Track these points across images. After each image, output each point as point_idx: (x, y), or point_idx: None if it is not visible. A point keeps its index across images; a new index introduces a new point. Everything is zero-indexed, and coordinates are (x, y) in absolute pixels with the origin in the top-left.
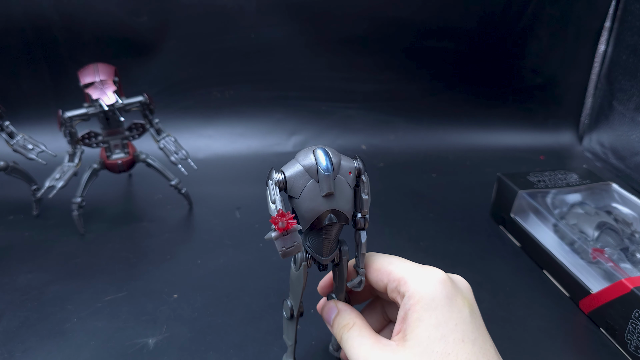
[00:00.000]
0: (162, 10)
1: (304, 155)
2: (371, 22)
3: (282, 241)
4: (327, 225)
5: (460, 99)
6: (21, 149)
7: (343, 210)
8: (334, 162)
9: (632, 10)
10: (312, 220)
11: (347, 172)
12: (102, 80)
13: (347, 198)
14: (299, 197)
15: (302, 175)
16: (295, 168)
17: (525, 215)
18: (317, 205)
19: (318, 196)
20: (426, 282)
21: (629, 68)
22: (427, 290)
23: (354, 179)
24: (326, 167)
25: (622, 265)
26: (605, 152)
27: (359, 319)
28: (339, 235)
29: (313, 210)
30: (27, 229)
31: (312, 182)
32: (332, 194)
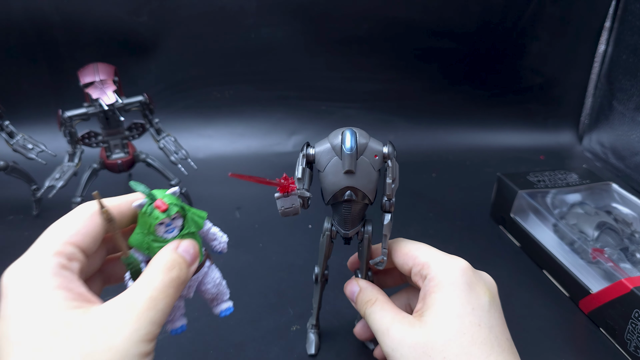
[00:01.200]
0: (162, 10)
1: (335, 134)
2: (371, 22)
3: (282, 201)
4: (347, 201)
5: (460, 99)
6: (21, 149)
7: (362, 189)
8: (359, 143)
9: (632, 10)
10: (333, 193)
11: (372, 155)
12: (102, 80)
13: (368, 178)
14: (324, 171)
15: (329, 151)
16: (324, 145)
17: (525, 215)
18: (338, 180)
19: (340, 172)
20: (448, 267)
21: (629, 68)
22: (448, 274)
23: (379, 163)
24: (350, 147)
25: (621, 265)
26: (605, 152)
27: (380, 294)
28: (362, 213)
29: (334, 184)
30: (26, 228)
31: (336, 158)
32: (353, 172)
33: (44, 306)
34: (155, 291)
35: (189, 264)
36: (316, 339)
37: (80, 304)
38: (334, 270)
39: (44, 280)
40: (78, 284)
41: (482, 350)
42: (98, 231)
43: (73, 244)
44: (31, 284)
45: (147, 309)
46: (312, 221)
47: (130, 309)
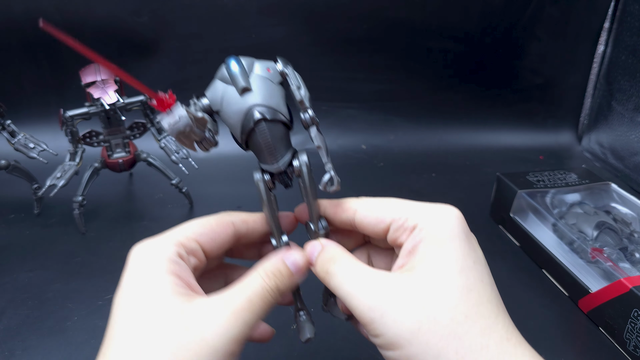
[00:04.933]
0: (163, 10)
1: (219, 69)
2: (371, 22)
3: (166, 118)
4: (258, 123)
5: (460, 99)
6: (22, 148)
7: (267, 103)
8: (245, 63)
9: (631, 11)
10: (241, 122)
11: (264, 69)
12: (104, 79)
13: (269, 92)
14: (222, 107)
15: (219, 86)
16: (213, 84)
17: (525, 215)
18: (239, 106)
19: (237, 97)
20: (441, 216)
21: (628, 68)
22: (443, 223)
23: (276, 76)
24: (237, 67)
25: (621, 264)
26: (604, 152)
27: (346, 252)
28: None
29: (237, 112)
30: (28, 227)
31: (229, 87)
32: (249, 89)
33: (152, 285)
34: (253, 294)
35: (292, 276)
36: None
37: (186, 292)
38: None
39: (160, 262)
40: (189, 274)
41: (490, 310)
42: (226, 239)
43: (197, 241)
44: (148, 263)
45: (243, 309)
46: None
47: (228, 307)
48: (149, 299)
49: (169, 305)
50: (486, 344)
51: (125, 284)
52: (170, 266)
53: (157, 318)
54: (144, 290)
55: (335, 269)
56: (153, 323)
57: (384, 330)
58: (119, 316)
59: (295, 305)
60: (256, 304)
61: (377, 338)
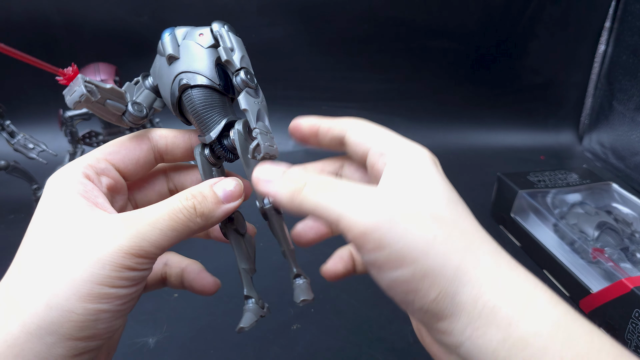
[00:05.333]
0: (163, 9)
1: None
2: (372, 22)
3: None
4: (185, 91)
5: (461, 99)
6: (22, 148)
7: (194, 70)
8: (179, 33)
9: (632, 11)
10: (169, 93)
11: (197, 34)
12: (103, 79)
13: (198, 57)
14: (158, 80)
15: (156, 61)
16: (155, 60)
17: (526, 215)
18: (167, 77)
19: (165, 68)
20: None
21: (629, 68)
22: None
23: (207, 40)
24: (167, 37)
25: (622, 265)
26: (605, 152)
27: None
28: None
29: (166, 84)
30: (27, 228)
31: (162, 59)
32: (176, 57)
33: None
34: (160, 209)
35: (218, 202)
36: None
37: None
38: None
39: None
40: (97, 193)
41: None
42: (142, 154)
43: (107, 160)
44: (55, 188)
45: (143, 223)
46: None
47: (127, 220)
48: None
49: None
50: (497, 263)
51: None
52: (75, 187)
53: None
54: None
55: (313, 182)
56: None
57: (392, 241)
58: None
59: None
60: (160, 217)
61: (381, 252)
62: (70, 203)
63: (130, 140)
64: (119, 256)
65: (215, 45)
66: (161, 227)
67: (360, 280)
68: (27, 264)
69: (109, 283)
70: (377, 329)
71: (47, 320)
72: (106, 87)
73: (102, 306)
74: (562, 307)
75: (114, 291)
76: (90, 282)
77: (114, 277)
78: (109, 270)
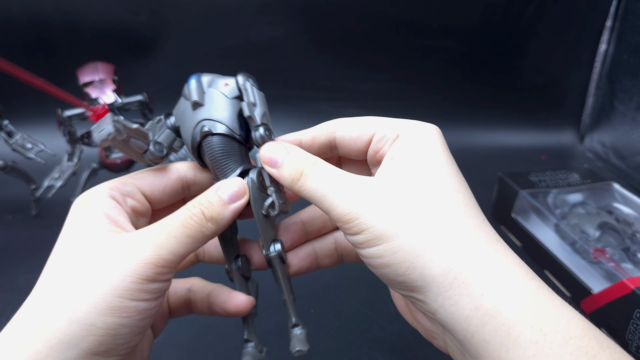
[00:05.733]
0: (162, 9)
1: None
2: (372, 21)
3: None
4: (205, 138)
5: (461, 99)
6: (20, 148)
7: (217, 118)
8: (204, 78)
9: (634, 10)
10: (190, 138)
11: (222, 85)
12: (102, 79)
13: (221, 106)
14: (180, 123)
15: (181, 103)
16: (178, 102)
17: (527, 215)
18: (189, 122)
19: (189, 112)
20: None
21: (631, 67)
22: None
23: (233, 91)
24: (193, 83)
25: (623, 265)
26: (607, 151)
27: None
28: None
29: (188, 128)
30: (26, 228)
31: (186, 103)
32: (200, 104)
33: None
34: (172, 218)
35: (224, 204)
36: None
37: (112, 229)
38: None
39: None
40: (119, 212)
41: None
42: (169, 183)
43: (134, 184)
44: (80, 209)
45: (160, 233)
46: None
47: (142, 234)
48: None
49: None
50: (476, 239)
51: (62, 231)
52: (99, 206)
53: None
54: (72, 231)
55: (310, 171)
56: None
57: (370, 224)
58: (50, 258)
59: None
60: (173, 227)
61: (362, 234)
62: (93, 222)
63: (159, 169)
64: (139, 267)
65: (239, 97)
66: (176, 235)
67: (360, 281)
68: (52, 282)
69: (129, 296)
70: (377, 329)
71: (68, 334)
72: (132, 127)
73: (122, 320)
74: (535, 281)
75: (134, 304)
76: (111, 295)
77: (134, 290)
78: (129, 282)
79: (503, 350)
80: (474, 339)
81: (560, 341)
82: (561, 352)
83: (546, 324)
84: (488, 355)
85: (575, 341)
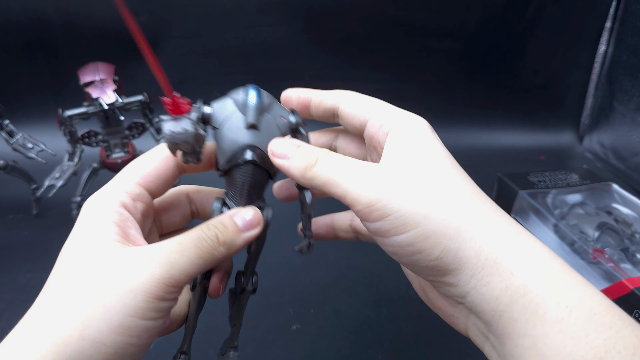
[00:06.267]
0: (162, 9)
1: (236, 90)
2: (371, 21)
3: (170, 124)
4: (247, 164)
5: (461, 99)
6: (21, 148)
7: (264, 150)
8: (264, 100)
9: (633, 11)
10: (230, 153)
11: (278, 116)
12: (102, 79)
13: (271, 139)
14: (221, 127)
15: (229, 105)
16: (224, 100)
17: (526, 216)
18: (238, 137)
19: (240, 128)
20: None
21: (630, 68)
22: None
23: (285, 127)
24: (256, 100)
25: (622, 265)
26: (606, 152)
27: None
28: (261, 188)
29: (232, 141)
30: (26, 228)
31: (238, 113)
32: (256, 127)
33: (90, 236)
34: (186, 238)
35: (238, 231)
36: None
37: (124, 241)
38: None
39: (103, 212)
40: (130, 224)
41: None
42: (169, 174)
43: (141, 185)
44: (92, 215)
45: (171, 251)
46: None
47: (156, 250)
48: (84, 246)
49: (100, 251)
50: (499, 221)
51: (71, 235)
52: (110, 215)
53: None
54: (82, 239)
55: (324, 158)
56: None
57: (396, 209)
58: (57, 265)
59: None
60: (187, 246)
61: (385, 221)
62: (104, 233)
63: (159, 159)
64: (151, 285)
65: (286, 135)
66: (189, 255)
67: (360, 280)
68: (61, 293)
69: (140, 315)
70: (377, 329)
71: (79, 351)
72: (200, 132)
73: (130, 339)
74: (558, 260)
75: (144, 323)
76: (122, 314)
77: (145, 308)
78: (141, 300)
79: (530, 327)
80: (502, 317)
81: (585, 317)
82: (586, 327)
83: (571, 301)
84: (515, 333)
85: (598, 317)
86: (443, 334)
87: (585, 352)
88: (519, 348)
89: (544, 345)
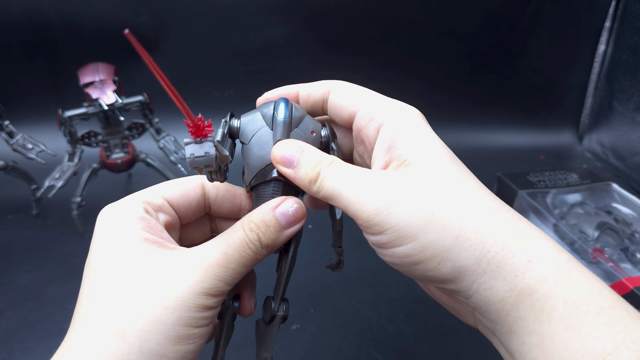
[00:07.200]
0: (162, 9)
1: (266, 104)
2: (371, 21)
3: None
4: (274, 180)
5: (461, 99)
6: (21, 148)
7: None
8: (294, 115)
9: (632, 10)
10: (259, 169)
11: (309, 131)
12: (102, 79)
13: None
14: (249, 143)
15: (258, 120)
16: (253, 113)
17: (526, 215)
18: (265, 154)
19: (269, 144)
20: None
21: (629, 68)
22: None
23: (316, 142)
24: (284, 116)
25: (622, 265)
26: (605, 152)
27: None
28: None
29: (260, 158)
30: (26, 228)
31: (266, 128)
32: None
33: (122, 243)
34: (230, 247)
35: (280, 228)
36: None
37: (158, 246)
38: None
39: (128, 220)
40: (160, 228)
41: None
42: (196, 197)
43: (164, 198)
44: (116, 223)
45: (217, 264)
46: (313, 221)
47: (201, 260)
48: (118, 257)
49: (139, 261)
50: (502, 220)
51: (95, 246)
52: (138, 223)
53: (126, 275)
54: (113, 250)
55: (327, 171)
56: (122, 280)
57: (393, 222)
58: (90, 278)
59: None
60: (232, 257)
61: (383, 235)
62: (137, 241)
63: (187, 183)
64: (201, 297)
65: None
66: (234, 267)
67: (360, 280)
68: (105, 305)
69: (193, 324)
70: (377, 329)
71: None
72: (225, 153)
73: (188, 347)
74: (564, 254)
75: (198, 331)
76: (178, 325)
77: (197, 318)
78: (193, 311)
79: (537, 325)
80: (509, 317)
81: (593, 313)
82: (594, 322)
83: (578, 297)
84: (522, 331)
85: (606, 312)
86: (443, 334)
87: (593, 348)
88: (526, 345)
89: (552, 342)
